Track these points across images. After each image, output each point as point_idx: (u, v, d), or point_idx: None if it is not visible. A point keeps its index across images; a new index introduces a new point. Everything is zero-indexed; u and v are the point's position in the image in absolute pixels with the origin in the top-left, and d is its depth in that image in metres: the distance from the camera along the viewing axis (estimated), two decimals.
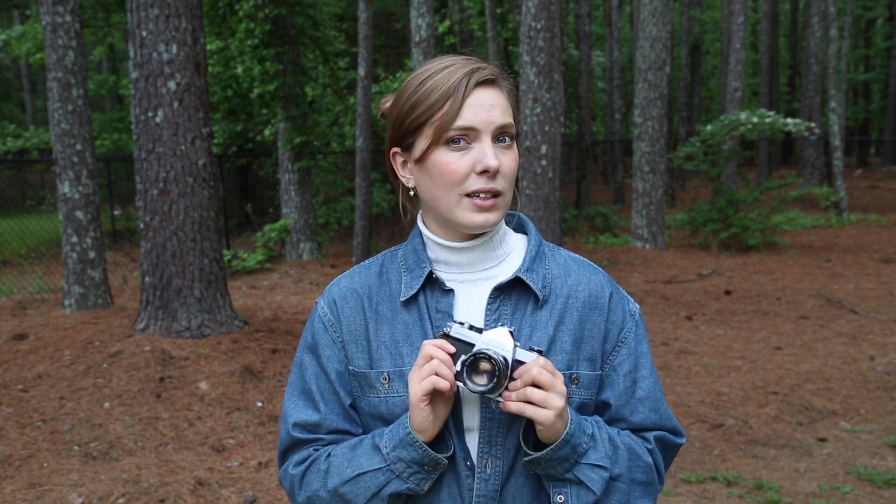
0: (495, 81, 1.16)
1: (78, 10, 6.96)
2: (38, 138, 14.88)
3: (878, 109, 30.97)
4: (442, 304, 1.20)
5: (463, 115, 1.12)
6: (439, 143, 1.14)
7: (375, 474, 1.13)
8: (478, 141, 1.14)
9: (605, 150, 21.56)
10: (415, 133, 1.17)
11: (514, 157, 1.17)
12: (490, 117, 1.13)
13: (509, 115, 1.16)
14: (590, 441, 1.13)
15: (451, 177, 1.14)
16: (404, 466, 1.12)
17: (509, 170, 1.16)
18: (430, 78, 1.15)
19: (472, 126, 1.13)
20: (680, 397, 5.07)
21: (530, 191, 7.15)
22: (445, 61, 1.17)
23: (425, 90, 1.15)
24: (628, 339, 1.25)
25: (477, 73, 1.14)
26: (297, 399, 1.26)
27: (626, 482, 1.16)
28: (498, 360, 1.07)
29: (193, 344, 5.50)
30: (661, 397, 1.26)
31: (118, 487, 3.70)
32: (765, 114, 11.63)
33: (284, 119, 10.84)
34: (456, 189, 1.15)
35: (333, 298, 1.27)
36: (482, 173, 1.13)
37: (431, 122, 1.14)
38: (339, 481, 1.15)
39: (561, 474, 1.13)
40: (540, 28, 7.04)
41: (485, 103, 1.14)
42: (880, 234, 13.08)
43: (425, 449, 1.11)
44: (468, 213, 1.15)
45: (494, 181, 1.14)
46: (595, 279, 1.26)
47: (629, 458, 1.17)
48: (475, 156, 1.13)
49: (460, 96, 1.12)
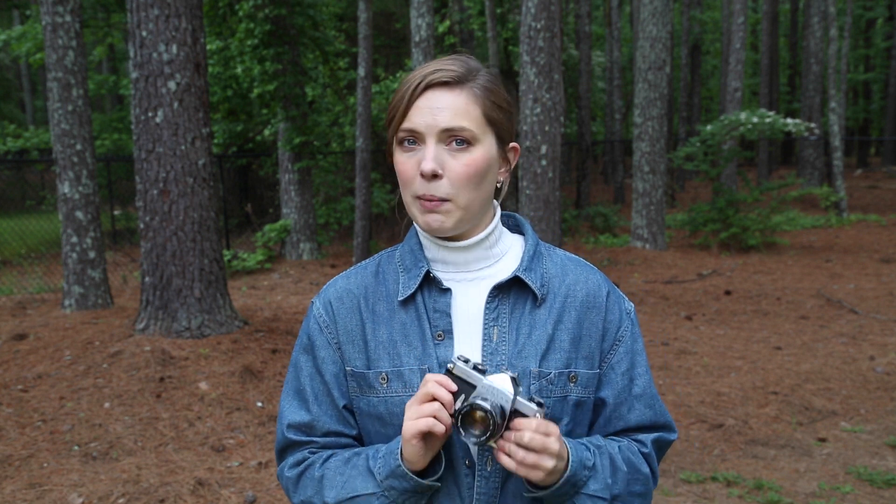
0: (451, 84, 1.15)
1: (78, 10, 6.96)
2: (38, 138, 14.88)
3: (878, 109, 30.97)
4: (440, 303, 1.21)
5: (409, 117, 1.14)
6: (396, 142, 1.18)
7: (370, 499, 1.14)
8: (424, 143, 1.15)
9: (605, 150, 21.56)
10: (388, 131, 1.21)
11: (468, 161, 1.14)
12: (434, 120, 1.13)
13: (465, 117, 1.14)
14: (590, 472, 1.15)
15: (402, 176, 1.17)
16: (397, 494, 1.13)
17: (455, 174, 1.14)
18: (406, 78, 1.18)
19: (414, 128, 1.14)
20: (680, 397, 5.07)
21: (530, 191, 7.15)
22: (426, 63, 1.20)
23: (398, 91, 1.18)
24: (625, 338, 1.26)
25: (432, 76, 1.14)
26: (292, 399, 1.27)
27: (623, 500, 1.18)
28: (494, 413, 1.06)
29: (193, 344, 5.50)
30: (656, 394, 1.28)
31: (118, 487, 3.70)
32: (765, 114, 11.63)
33: (284, 119, 10.84)
34: (408, 189, 1.17)
35: (329, 299, 1.27)
36: (422, 176, 1.14)
37: (393, 122, 1.17)
38: (334, 500, 1.16)
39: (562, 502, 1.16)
40: (540, 28, 7.04)
41: (433, 106, 1.13)
42: (880, 234, 13.08)
43: (416, 481, 1.12)
44: (418, 214, 1.17)
45: (434, 186, 1.14)
46: (592, 278, 1.27)
47: (628, 473, 1.19)
48: (419, 158, 1.15)
49: (407, 98, 1.14)
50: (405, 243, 1.28)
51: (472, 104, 1.15)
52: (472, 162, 1.15)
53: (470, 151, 1.15)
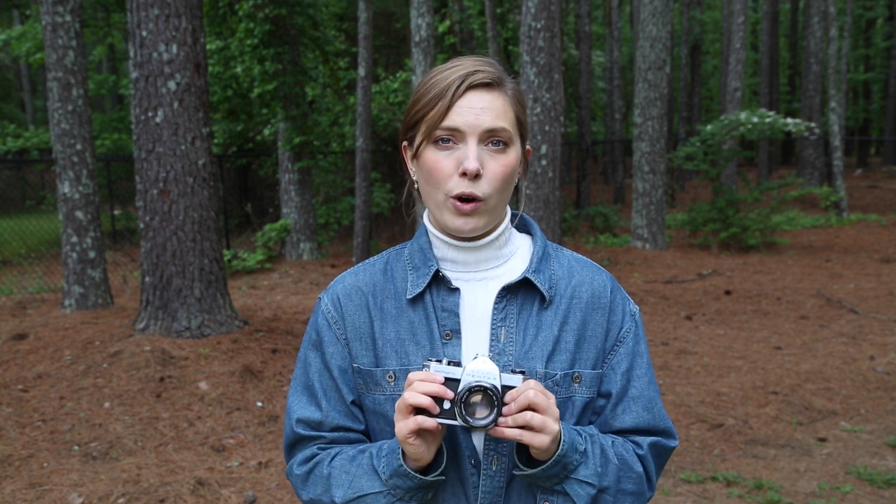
0: (492, 85, 1.17)
1: (78, 10, 6.96)
2: (38, 138, 14.88)
3: (878, 109, 30.96)
4: (448, 302, 1.22)
5: (450, 116, 1.14)
6: (429, 140, 1.17)
7: (377, 497, 1.15)
8: (464, 142, 1.15)
9: (605, 150, 21.56)
10: (414, 128, 1.20)
11: (505, 163, 1.16)
12: (477, 120, 1.14)
13: (504, 119, 1.16)
14: (581, 458, 1.14)
15: (437, 175, 1.16)
16: (402, 492, 1.14)
17: (494, 174, 1.15)
18: (434, 77, 1.18)
19: (457, 127, 1.14)
20: (680, 397, 5.07)
21: (530, 191, 7.16)
22: (455, 61, 1.19)
23: (425, 88, 1.18)
24: (627, 339, 1.26)
25: (473, 76, 1.15)
26: (301, 395, 1.27)
27: (612, 494, 1.17)
28: (493, 389, 1.06)
29: (193, 344, 5.50)
30: (656, 398, 1.27)
31: (118, 487, 3.70)
32: (765, 114, 11.63)
33: (284, 119, 10.84)
34: (441, 188, 1.17)
35: (337, 295, 1.28)
36: (463, 175, 1.14)
37: (425, 119, 1.17)
38: (342, 500, 1.17)
39: (550, 487, 1.15)
40: (540, 28, 7.04)
41: (475, 106, 1.14)
42: (880, 234, 13.08)
43: (420, 479, 1.12)
44: (449, 216, 1.17)
45: (475, 185, 1.15)
46: (598, 279, 1.28)
47: (620, 469, 1.18)
48: (459, 156, 1.15)
49: (449, 97, 1.14)
50: (415, 241, 1.29)
51: (508, 106, 1.18)
52: (508, 163, 1.17)
53: (506, 153, 1.17)
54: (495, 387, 1.07)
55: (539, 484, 1.15)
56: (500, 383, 1.08)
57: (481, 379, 1.07)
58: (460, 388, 1.07)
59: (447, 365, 1.10)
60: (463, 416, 1.06)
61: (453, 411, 1.08)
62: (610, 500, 1.17)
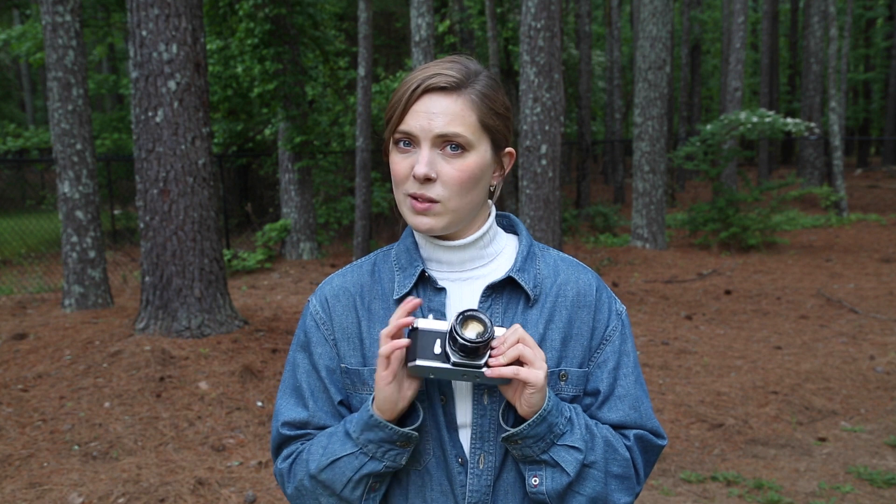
0: (449, 89, 1.15)
1: (78, 10, 6.96)
2: (38, 138, 14.88)
3: (878, 109, 30.96)
4: (434, 302, 1.23)
5: (405, 120, 1.16)
6: (392, 143, 1.19)
7: (349, 458, 1.16)
8: (419, 146, 1.16)
9: (605, 149, 21.56)
10: (386, 129, 1.23)
11: (461, 167, 1.16)
12: (430, 125, 1.14)
13: (460, 123, 1.15)
14: (567, 424, 1.15)
15: (396, 176, 1.19)
16: (375, 447, 1.15)
17: (449, 178, 1.15)
18: (407, 78, 1.19)
19: (410, 132, 1.16)
20: (680, 397, 5.07)
21: (530, 190, 7.15)
22: (427, 65, 1.20)
23: (397, 91, 1.20)
24: (613, 337, 1.26)
25: (431, 80, 1.15)
26: (289, 397, 1.29)
27: (601, 471, 1.17)
28: (485, 314, 1.09)
29: (193, 344, 5.50)
30: (643, 397, 1.27)
31: (118, 487, 3.70)
32: (765, 113, 11.63)
33: (284, 119, 10.84)
34: (400, 188, 1.19)
35: (325, 297, 1.29)
36: (416, 178, 1.16)
37: (390, 121, 1.19)
38: (317, 468, 1.18)
39: (537, 455, 1.15)
40: (540, 28, 7.04)
41: (429, 111, 1.15)
42: (880, 234, 13.08)
43: (391, 427, 1.13)
44: (408, 213, 1.20)
45: (427, 188, 1.16)
46: (584, 278, 1.28)
47: (605, 448, 1.18)
48: (414, 160, 1.17)
49: (404, 102, 1.16)
50: (401, 242, 1.30)
51: (468, 110, 1.16)
52: (465, 168, 1.16)
53: (464, 157, 1.16)
54: (483, 312, 1.11)
55: (526, 453, 1.15)
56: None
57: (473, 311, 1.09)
58: (453, 319, 1.09)
59: (433, 320, 1.12)
60: (459, 338, 1.07)
61: (444, 354, 1.09)
62: (600, 478, 1.17)
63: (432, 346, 1.10)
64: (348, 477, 1.17)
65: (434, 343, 1.10)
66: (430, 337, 1.11)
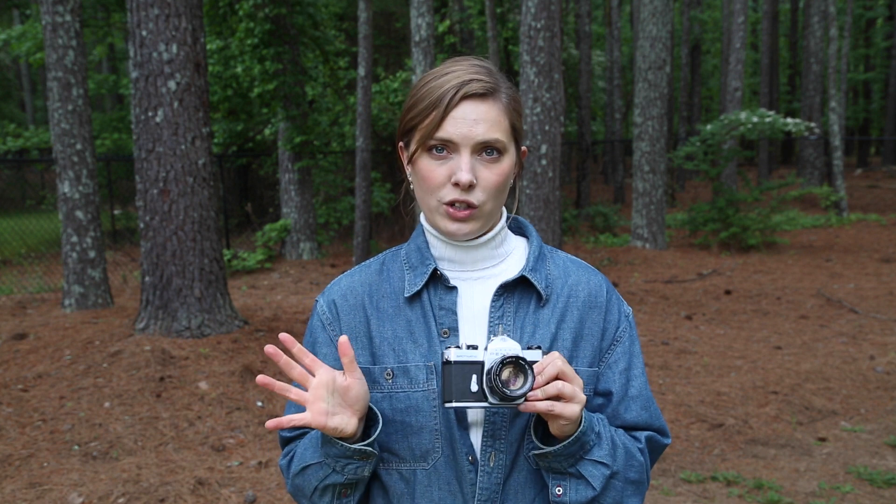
0: (486, 95, 1.16)
1: (78, 10, 6.96)
2: (38, 138, 14.88)
3: (878, 109, 30.95)
4: (445, 301, 1.23)
5: (444, 128, 1.15)
6: (424, 149, 1.18)
7: (315, 468, 1.18)
8: (457, 153, 1.16)
9: (605, 149, 21.56)
10: (409, 134, 1.21)
11: (499, 171, 1.17)
12: (471, 132, 1.15)
13: (499, 129, 1.16)
14: (596, 438, 1.15)
15: (430, 183, 1.18)
16: (333, 461, 1.15)
17: (489, 183, 1.17)
18: (430, 83, 1.18)
19: (451, 139, 1.15)
20: (680, 397, 5.07)
21: (530, 190, 7.15)
22: (450, 67, 1.19)
23: (420, 95, 1.18)
24: (623, 338, 1.28)
25: (468, 86, 1.15)
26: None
27: (621, 480, 1.18)
28: (524, 360, 1.06)
29: (193, 344, 5.50)
30: (652, 398, 1.29)
31: (118, 487, 3.70)
32: (765, 113, 11.63)
33: (284, 119, 10.84)
34: (434, 195, 1.18)
35: (333, 298, 1.29)
36: (456, 185, 1.15)
37: (420, 127, 1.18)
38: (293, 472, 1.22)
39: (565, 468, 1.15)
40: (540, 28, 7.04)
41: (468, 118, 1.15)
42: (880, 234, 13.08)
43: (342, 444, 1.13)
44: (443, 220, 1.19)
45: (469, 193, 1.16)
46: (594, 280, 1.29)
47: (626, 456, 1.19)
48: (452, 167, 1.16)
49: (443, 108, 1.14)
50: (411, 241, 1.30)
51: (503, 116, 1.18)
52: (502, 172, 1.18)
53: (500, 161, 1.18)
54: (525, 358, 1.07)
55: (553, 466, 1.15)
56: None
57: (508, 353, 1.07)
58: (489, 364, 1.07)
59: (467, 349, 1.10)
60: (500, 390, 1.05)
61: (482, 392, 1.07)
62: (619, 487, 1.17)
63: (468, 383, 1.08)
64: (314, 486, 1.19)
65: (470, 379, 1.08)
66: (464, 372, 1.08)
